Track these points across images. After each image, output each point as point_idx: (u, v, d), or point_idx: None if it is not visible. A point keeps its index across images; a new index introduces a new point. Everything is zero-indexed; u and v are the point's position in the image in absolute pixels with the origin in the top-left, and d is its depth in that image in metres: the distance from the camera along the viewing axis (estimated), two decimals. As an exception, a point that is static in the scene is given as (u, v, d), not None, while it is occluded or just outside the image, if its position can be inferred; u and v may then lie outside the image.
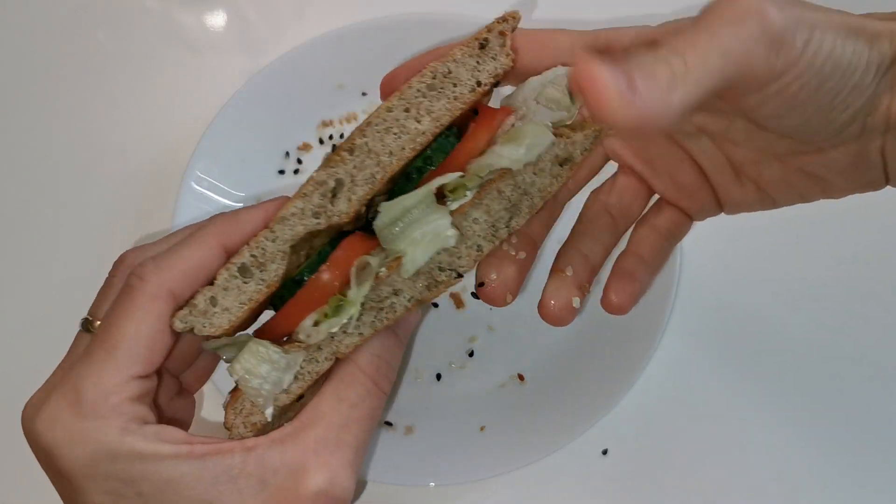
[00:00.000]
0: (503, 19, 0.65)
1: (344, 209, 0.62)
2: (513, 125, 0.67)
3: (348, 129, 1.09)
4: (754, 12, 0.55)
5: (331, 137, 1.09)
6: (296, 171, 1.07)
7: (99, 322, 0.62)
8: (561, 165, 0.66)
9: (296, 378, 0.62)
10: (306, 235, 0.62)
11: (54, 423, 0.56)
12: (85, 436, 0.55)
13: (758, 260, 1.00)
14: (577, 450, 0.92)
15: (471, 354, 0.98)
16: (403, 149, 0.62)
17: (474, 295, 0.64)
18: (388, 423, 0.94)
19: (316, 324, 0.62)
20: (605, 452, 0.94)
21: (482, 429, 0.92)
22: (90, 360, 0.57)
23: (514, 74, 0.66)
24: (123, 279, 0.63)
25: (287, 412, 0.66)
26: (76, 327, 0.65)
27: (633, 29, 0.66)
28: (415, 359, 0.98)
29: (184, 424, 0.72)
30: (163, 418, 0.62)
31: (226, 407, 0.63)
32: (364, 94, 1.10)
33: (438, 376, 0.97)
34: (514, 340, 0.99)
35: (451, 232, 0.62)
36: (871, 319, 0.99)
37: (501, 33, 0.65)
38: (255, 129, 1.05)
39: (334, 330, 0.62)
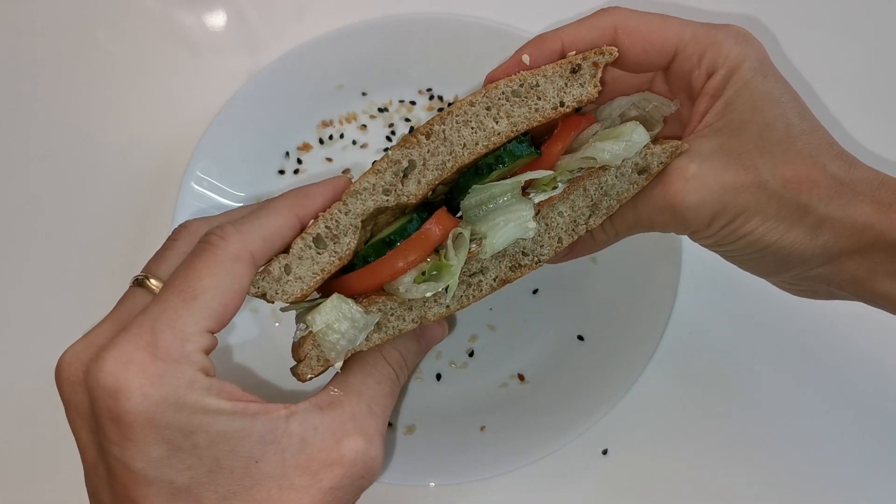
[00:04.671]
0: (600, 52, 0.68)
1: (413, 190, 0.65)
2: (595, 133, 0.71)
3: (348, 129, 1.09)
4: (668, 204, 0.67)
5: (331, 137, 1.09)
6: (296, 171, 1.07)
7: (154, 280, 0.62)
8: (639, 174, 0.69)
9: (379, 328, 0.66)
10: (376, 210, 0.65)
11: (129, 363, 0.54)
12: (160, 379, 0.54)
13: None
14: (577, 450, 0.92)
15: (471, 354, 0.98)
16: (477, 144, 0.65)
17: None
18: (388, 424, 0.94)
19: (416, 282, 0.65)
20: (605, 452, 0.94)
21: (482, 429, 0.92)
22: (165, 306, 0.57)
23: (620, 63, 0.71)
24: (188, 243, 0.64)
25: None
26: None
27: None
28: (415, 359, 0.99)
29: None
30: None
31: (294, 348, 0.66)
32: (364, 93, 1.11)
33: (438, 376, 0.97)
34: (514, 340, 0.99)
35: (532, 224, 0.66)
36: (873, 316, 0.99)
37: (595, 65, 0.68)
38: (255, 129, 1.05)
39: (429, 294, 0.65)
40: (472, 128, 0.65)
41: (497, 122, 0.66)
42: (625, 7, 0.72)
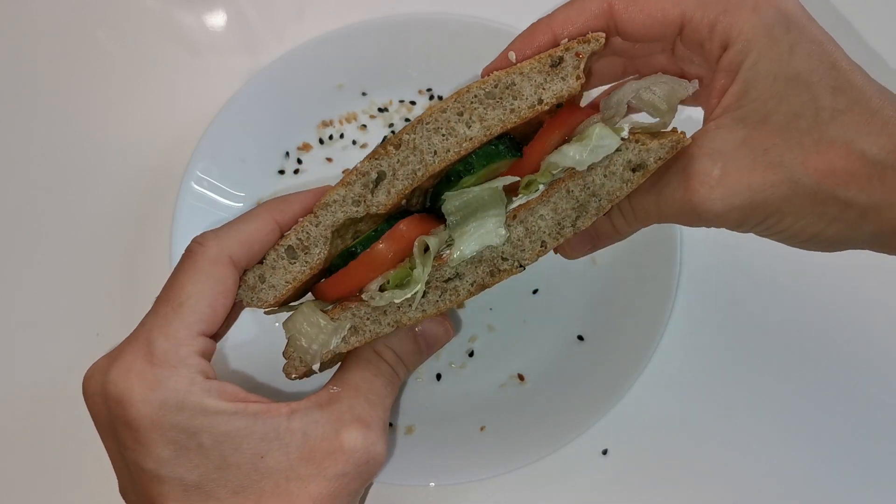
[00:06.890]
0: (585, 40, 0.63)
1: (383, 200, 0.64)
2: (597, 122, 0.66)
3: (348, 129, 1.09)
4: (692, 210, 0.62)
5: (331, 137, 1.09)
6: (296, 171, 1.07)
7: None
8: (633, 171, 0.64)
9: (356, 332, 0.67)
10: (349, 221, 0.66)
11: (128, 372, 0.58)
12: (157, 384, 0.58)
13: (758, 260, 1.00)
14: (577, 450, 0.92)
15: (471, 354, 0.98)
16: (448, 151, 0.63)
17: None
18: (389, 424, 0.94)
19: (381, 289, 0.66)
20: (605, 452, 0.94)
21: (482, 429, 0.92)
22: (157, 316, 0.61)
23: (623, 37, 0.65)
24: None
25: (339, 359, 0.73)
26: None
27: None
28: (415, 359, 0.99)
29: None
30: None
31: (284, 353, 0.70)
32: (364, 93, 1.10)
33: (438, 376, 0.97)
34: (514, 340, 0.99)
35: (502, 231, 0.65)
36: (871, 316, 0.99)
37: (578, 55, 0.63)
38: (255, 129, 1.05)
39: (398, 301, 0.66)
40: (443, 135, 0.63)
41: (469, 127, 0.63)
42: None
